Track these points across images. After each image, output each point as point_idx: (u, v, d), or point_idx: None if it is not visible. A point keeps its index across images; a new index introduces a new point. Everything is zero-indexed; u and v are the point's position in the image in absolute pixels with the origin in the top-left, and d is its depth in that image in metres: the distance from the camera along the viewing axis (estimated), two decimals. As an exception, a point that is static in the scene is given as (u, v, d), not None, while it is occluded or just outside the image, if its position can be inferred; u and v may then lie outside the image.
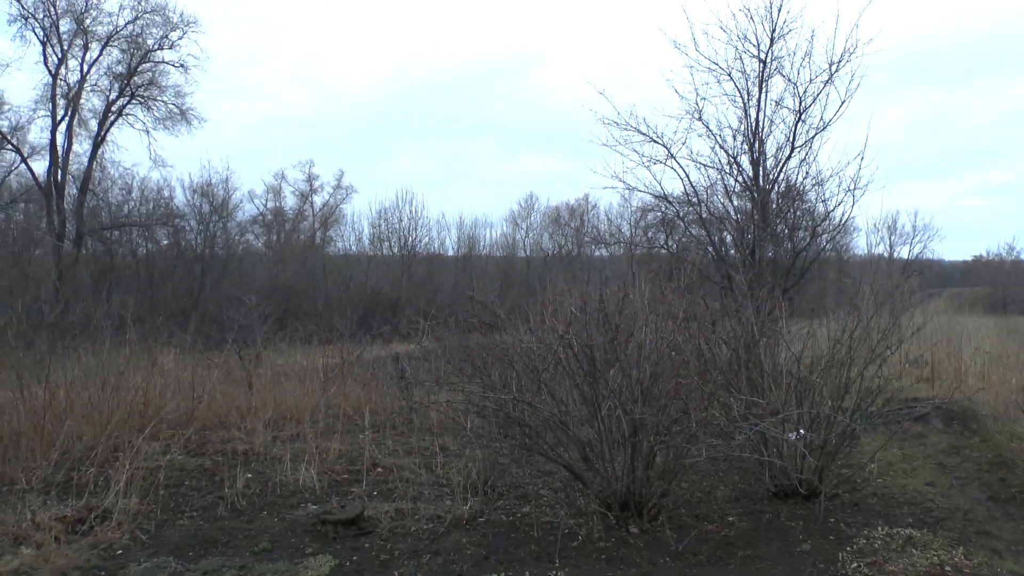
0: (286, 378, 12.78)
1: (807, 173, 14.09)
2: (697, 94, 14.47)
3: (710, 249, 14.86)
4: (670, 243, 20.00)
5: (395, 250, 44.57)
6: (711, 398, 6.77)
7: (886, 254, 56.72)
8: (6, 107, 31.63)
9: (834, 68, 13.72)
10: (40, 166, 31.68)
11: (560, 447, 6.94)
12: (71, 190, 32.05)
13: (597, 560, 6.04)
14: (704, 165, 14.43)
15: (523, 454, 7.61)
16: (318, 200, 53.89)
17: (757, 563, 5.97)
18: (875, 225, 58.03)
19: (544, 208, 52.49)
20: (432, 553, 6.24)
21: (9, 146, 31.68)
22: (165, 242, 35.93)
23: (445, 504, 7.25)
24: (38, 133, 34.79)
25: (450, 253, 47.41)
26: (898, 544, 6.27)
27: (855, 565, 5.86)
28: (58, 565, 5.88)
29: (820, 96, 13.96)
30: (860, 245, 52.28)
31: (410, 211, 44.51)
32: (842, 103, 13.77)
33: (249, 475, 8.31)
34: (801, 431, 7.24)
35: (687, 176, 14.64)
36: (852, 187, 13.39)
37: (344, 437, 9.68)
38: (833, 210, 14.10)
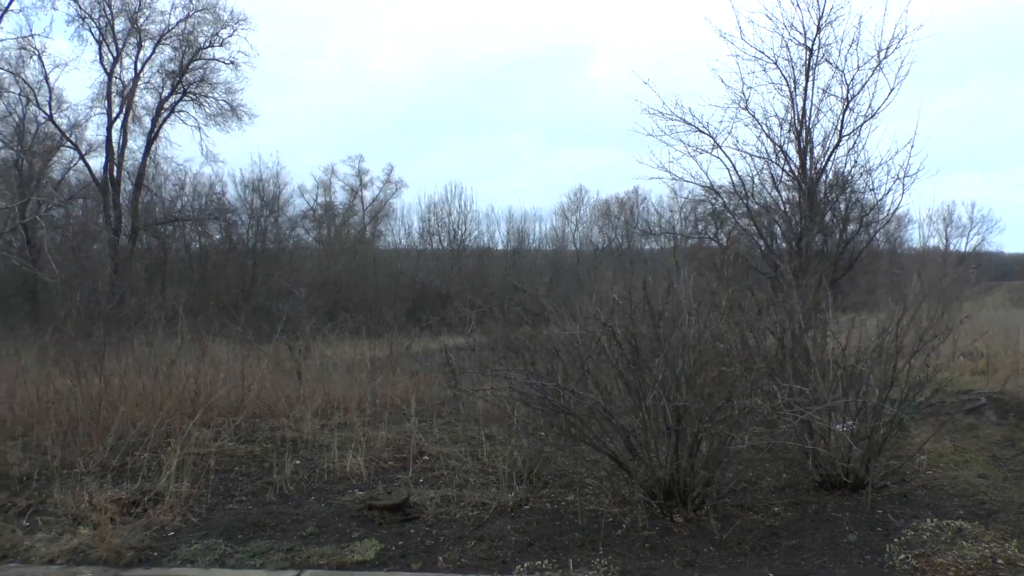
0: (335, 368, 12.93)
1: (855, 162, 13.89)
2: (743, 83, 14.33)
3: (759, 240, 14.71)
4: (720, 235, 19.85)
5: (444, 244, 44.81)
6: (755, 387, 6.72)
7: (941, 246, 55.51)
8: (65, 106, 32.40)
9: (883, 55, 13.49)
10: (97, 163, 32.45)
11: (605, 436, 6.95)
12: (126, 186, 32.73)
13: (641, 548, 6.03)
14: (750, 155, 14.30)
15: (568, 443, 7.63)
16: (368, 194, 54.34)
17: (802, 553, 5.92)
18: (930, 217, 56.78)
19: (594, 201, 52.50)
20: (477, 539, 6.29)
21: (68, 144, 32.44)
22: (217, 236, 36.54)
23: (490, 492, 7.30)
24: (94, 130, 35.73)
25: (499, 247, 47.55)
26: (947, 536, 6.16)
27: (902, 557, 5.77)
28: (113, 544, 6.05)
29: (868, 83, 13.72)
30: (915, 237, 51.35)
31: (459, 205, 44.77)
32: (891, 90, 13.54)
33: (297, 462, 8.47)
34: (849, 422, 7.16)
35: (733, 166, 14.52)
36: (902, 175, 13.17)
37: (391, 426, 9.77)
38: (882, 199, 13.88)
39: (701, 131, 14.15)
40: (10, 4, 26.61)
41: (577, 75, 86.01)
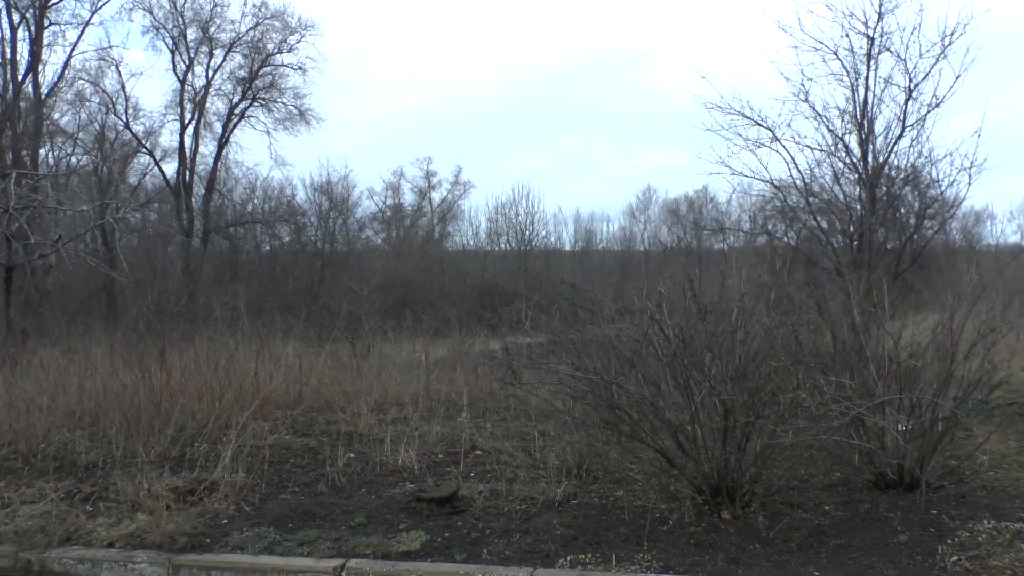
0: (394, 366, 13.09)
1: (919, 153, 13.56)
2: (803, 75, 14.13)
3: (822, 235, 14.47)
4: (789, 233, 19.56)
5: (512, 245, 44.94)
6: (804, 381, 6.62)
7: (1024, 243, 53.32)
8: (141, 113, 33.40)
9: (947, 41, 13.16)
10: (170, 168, 33.35)
11: (654, 432, 6.92)
12: (198, 190, 33.61)
13: (686, 544, 6.00)
14: (810, 147, 14.07)
15: (618, 438, 7.61)
16: (436, 196, 54.63)
17: (850, 552, 5.81)
18: (1011, 212, 54.58)
19: (662, 201, 52.14)
20: (522, 533, 6.32)
21: (143, 150, 33.43)
22: (287, 238, 37.21)
23: (539, 486, 7.32)
24: (168, 137, 36.75)
25: (567, 247, 47.55)
26: (1005, 539, 5.98)
27: (955, 558, 5.61)
28: (168, 530, 6.25)
29: (932, 72, 13.40)
30: (990, 232, 49.62)
31: (527, 206, 44.83)
32: (956, 78, 13.19)
33: (351, 455, 8.61)
34: (904, 419, 7.01)
35: (792, 160, 14.30)
36: (968, 166, 12.81)
37: (446, 421, 9.86)
38: (945, 190, 13.53)
39: (760, 124, 14.00)
40: (91, 18, 27.52)
41: (644, 77, 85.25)
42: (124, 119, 32.07)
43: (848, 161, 13.77)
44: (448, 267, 38.16)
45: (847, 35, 13.89)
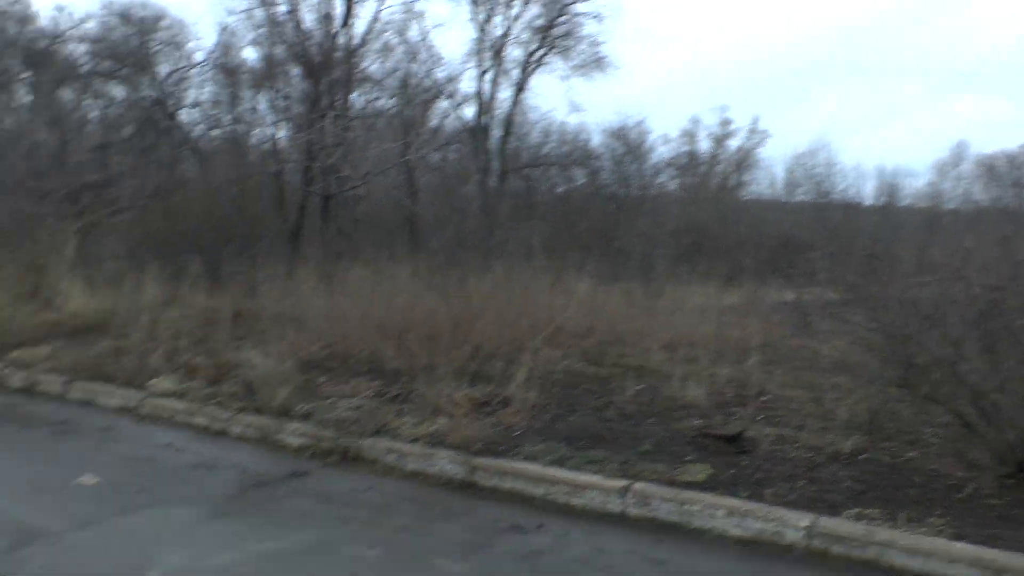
0: (685, 309, 13.05)
1: None
2: None
3: None
4: None
5: (809, 196, 43.34)
6: None
7: None
8: (442, 61, 35.08)
9: None
10: (468, 112, 34.88)
11: (954, 396, 6.47)
12: (495, 132, 34.89)
13: (984, 515, 5.66)
14: None
15: (915, 398, 7.20)
16: (732, 144, 53.31)
17: None
18: None
19: (977, 157, 47.90)
20: (807, 480, 6.26)
21: (443, 95, 35.14)
22: (581, 181, 37.86)
23: (827, 437, 7.18)
24: (467, 83, 38.22)
25: (868, 203, 45.13)
26: None
27: None
28: (465, 435, 6.88)
29: None
30: None
31: (825, 157, 42.98)
32: None
33: (640, 386, 8.78)
34: None
35: None
36: None
37: (735, 365, 9.74)
38: None
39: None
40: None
41: (960, 18, 77.72)
42: (426, 67, 33.76)
43: None
44: (743, 215, 37.31)
45: None
